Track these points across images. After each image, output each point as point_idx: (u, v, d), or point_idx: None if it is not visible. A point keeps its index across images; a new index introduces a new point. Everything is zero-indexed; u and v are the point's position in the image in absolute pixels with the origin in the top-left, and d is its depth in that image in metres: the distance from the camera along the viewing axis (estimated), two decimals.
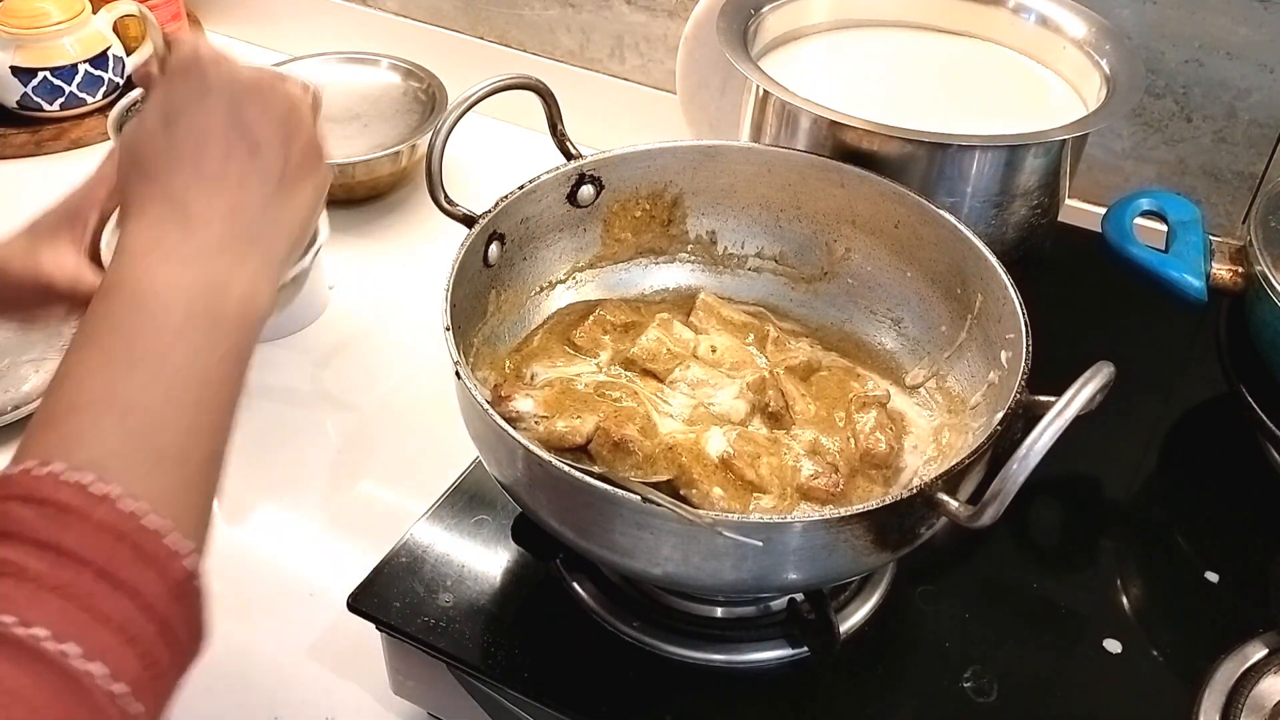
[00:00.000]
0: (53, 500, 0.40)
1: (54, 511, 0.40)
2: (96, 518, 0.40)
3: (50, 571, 0.39)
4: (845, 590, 0.69)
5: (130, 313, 0.46)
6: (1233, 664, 0.65)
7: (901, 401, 0.73)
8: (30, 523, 0.40)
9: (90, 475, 0.41)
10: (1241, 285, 0.79)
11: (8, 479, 0.41)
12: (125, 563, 0.40)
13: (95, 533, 0.40)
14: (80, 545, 0.40)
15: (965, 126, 0.79)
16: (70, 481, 0.41)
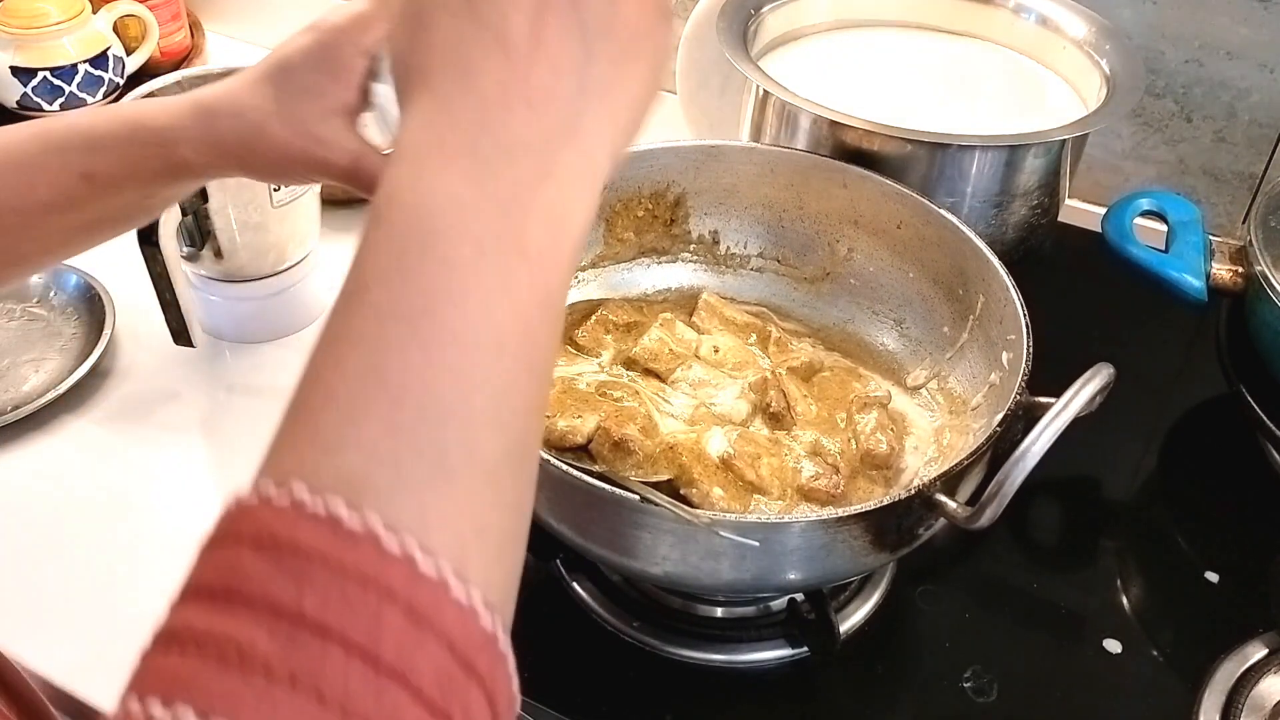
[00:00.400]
0: (291, 543, 0.28)
1: (295, 560, 0.27)
2: (351, 565, 0.27)
3: (285, 652, 0.26)
4: (845, 590, 0.69)
5: (400, 249, 0.32)
6: (1233, 664, 0.65)
7: (903, 402, 0.73)
8: (263, 578, 0.27)
9: (340, 501, 0.28)
10: (1241, 285, 0.79)
11: (240, 512, 0.30)
12: (393, 633, 0.27)
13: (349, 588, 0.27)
14: (327, 609, 0.27)
15: (965, 126, 0.79)
16: (317, 514, 0.28)
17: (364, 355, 0.31)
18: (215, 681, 0.25)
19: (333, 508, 0.28)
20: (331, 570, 0.27)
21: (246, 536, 0.28)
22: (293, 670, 0.26)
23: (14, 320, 0.88)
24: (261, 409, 0.84)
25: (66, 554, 0.72)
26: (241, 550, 0.28)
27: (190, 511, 0.76)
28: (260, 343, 0.88)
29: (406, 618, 0.27)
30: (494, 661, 0.29)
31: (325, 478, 0.29)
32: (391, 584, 0.27)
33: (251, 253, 0.82)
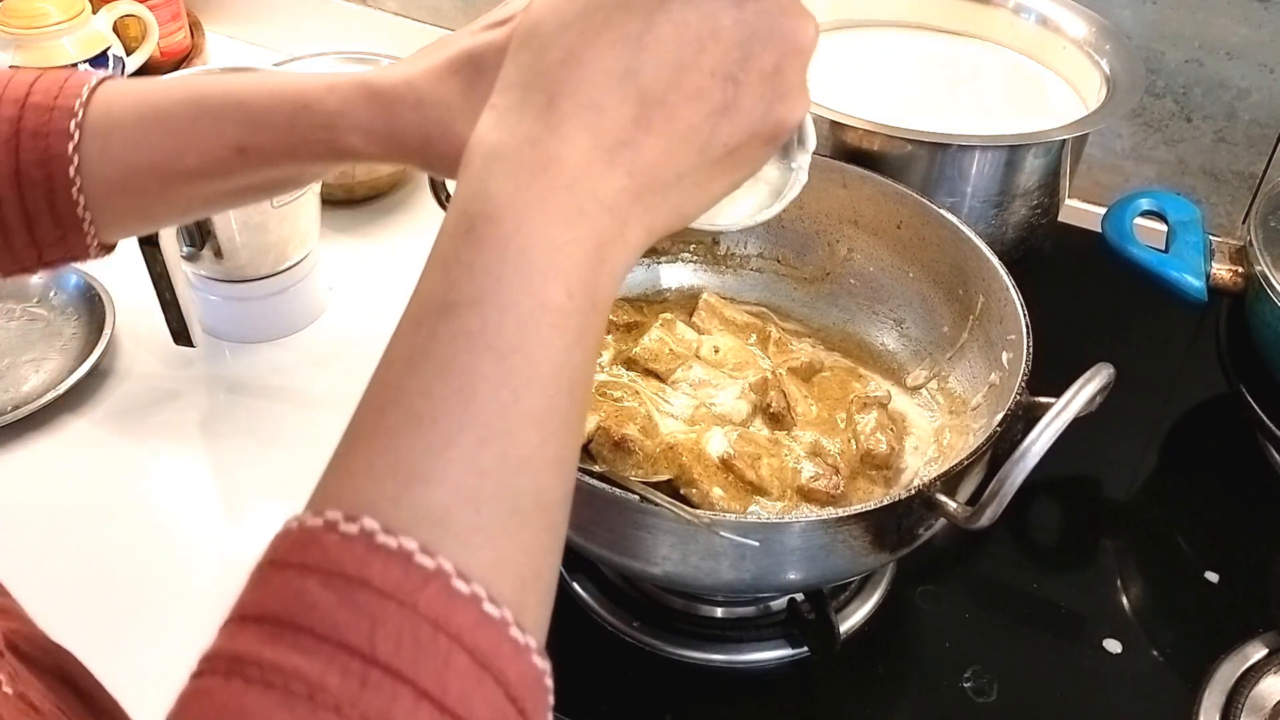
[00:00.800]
0: (362, 579, 0.27)
1: (367, 597, 0.27)
2: (423, 606, 0.27)
3: (356, 694, 0.26)
4: (845, 590, 0.69)
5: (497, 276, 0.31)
6: (1233, 664, 0.65)
7: (903, 402, 0.73)
8: (333, 614, 0.27)
9: (415, 540, 0.28)
10: (1241, 285, 0.79)
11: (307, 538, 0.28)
12: (459, 677, 0.27)
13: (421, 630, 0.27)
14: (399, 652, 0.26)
15: (965, 126, 0.79)
16: (389, 549, 0.27)
17: (453, 385, 0.30)
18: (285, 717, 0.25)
19: (405, 544, 0.27)
20: (404, 610, 0.27)
21: (313, 567, 0.28)
22: (364, 713, 0.26)
23: (14, 320, 0.88)
24: (261, 409, 0.84)
25: (66, 554, 0.72)
26: (308, 580, 0.27)
27: (190, 511, 0.76)
28: (260, 343, 0.88)
29: (471, 660, 0.27)
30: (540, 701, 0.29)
31: (404, 512, 0.28)
32: (460, 627, 0.27)
33: (251, 253, 0.82)
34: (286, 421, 0.83)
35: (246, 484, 0.78)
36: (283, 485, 0.78)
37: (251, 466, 0.79)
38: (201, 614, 0.74)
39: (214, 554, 0.73)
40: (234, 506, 0.77)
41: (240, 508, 0.77)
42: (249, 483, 0.79)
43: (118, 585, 0.70)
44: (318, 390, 0.86)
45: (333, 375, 0.87)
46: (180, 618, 0.69)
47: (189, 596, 0.70)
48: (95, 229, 0.53)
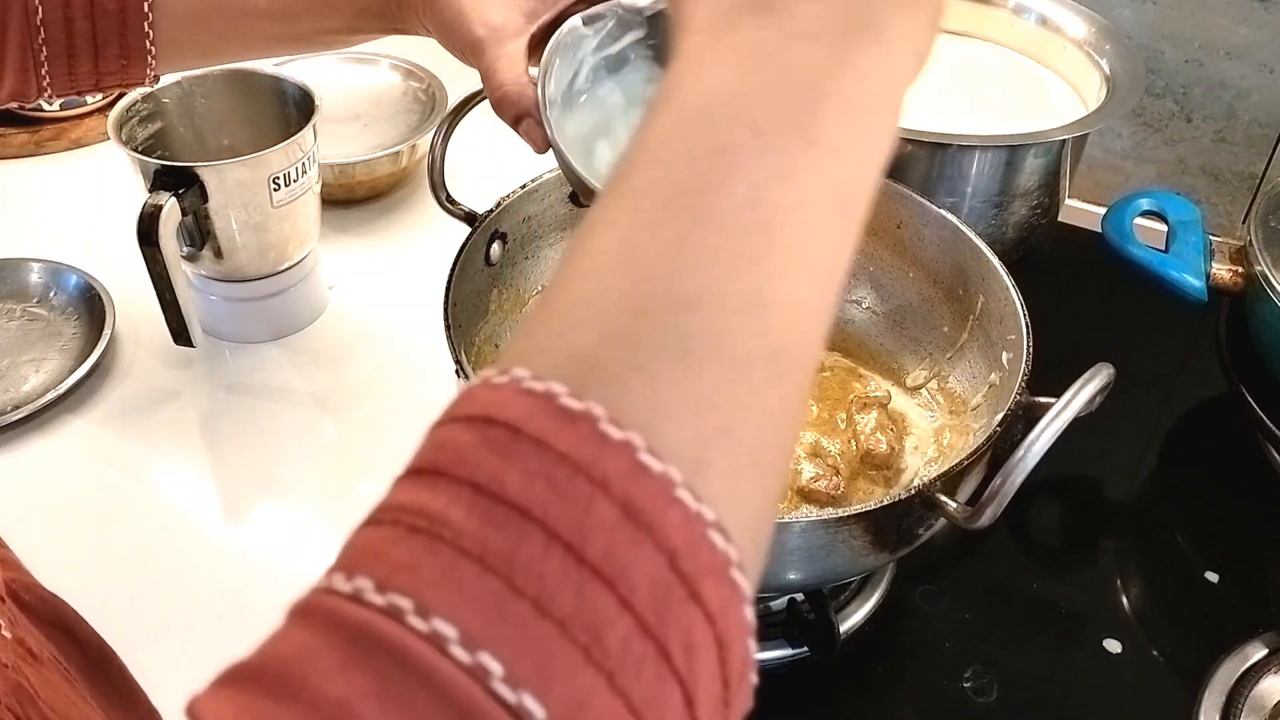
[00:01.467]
0: (501, 418, 0.24)
1: (503, 435, 0.24)
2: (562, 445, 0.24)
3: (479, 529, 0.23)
4: (845, 590, 0.69)
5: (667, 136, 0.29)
6: (1233, 664, 0.65)
7: (903, 402, 0.73)
8: (466, 452, 0.24)
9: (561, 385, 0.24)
10: (1241, 285, 0.79)
11: (464, 395, 0.26)
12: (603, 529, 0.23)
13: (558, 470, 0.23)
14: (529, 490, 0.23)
15: (965, 126, 0.79)
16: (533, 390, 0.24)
17: (612, 236, 0.28)
18: (400, 551, 0.23)
19: (552, 387, 0.24)
20: (540, 449, 0.23)
21: (461, 415, 0.25)
22: (484, 548, 0.22)
23: (14, 320, 0.88)
24: (261, 409, 0.84)
25: (66, 554, 0.72)
26: (454, 427, 0.25)
27: (190, 511, 0.76)
28: (260, 343, 0.88)
29: (622, 513, 0.23)
30: (728, 595, 0.24)
31: (553, 355, 0.26)
32: (607, 473, 0.23)
33: (251, 253, 0.82)
34: (286, 421, 0.83)
35: (246, 484, 0.78)
36: (283, 485, 0.78)
37: (251, 466, 0.79)
38: (202, 613, 0.74)
39: (214, 553, 0.73)
40: (234, 506, 0.77)
41: (240, 507, 0.77)
42: (249, 483, 0.79)
43: (118, 585, 0.70)
44: (318, 390, 0.86)
45: (333, 375, 0.87)
46: (180, 617, 0.69)
47: (189, 596, 0.70)
48: (156, 62, 0.57)
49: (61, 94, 0.57)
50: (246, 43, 0.59)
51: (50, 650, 0.48)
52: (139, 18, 0.55)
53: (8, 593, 0.48)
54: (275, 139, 0.79)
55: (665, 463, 0.24)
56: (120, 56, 0.56)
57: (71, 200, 1.04)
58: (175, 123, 0.85)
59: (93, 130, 1.12)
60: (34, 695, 0.42)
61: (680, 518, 0.23)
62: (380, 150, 1.01)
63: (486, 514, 0.23)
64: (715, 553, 0.24)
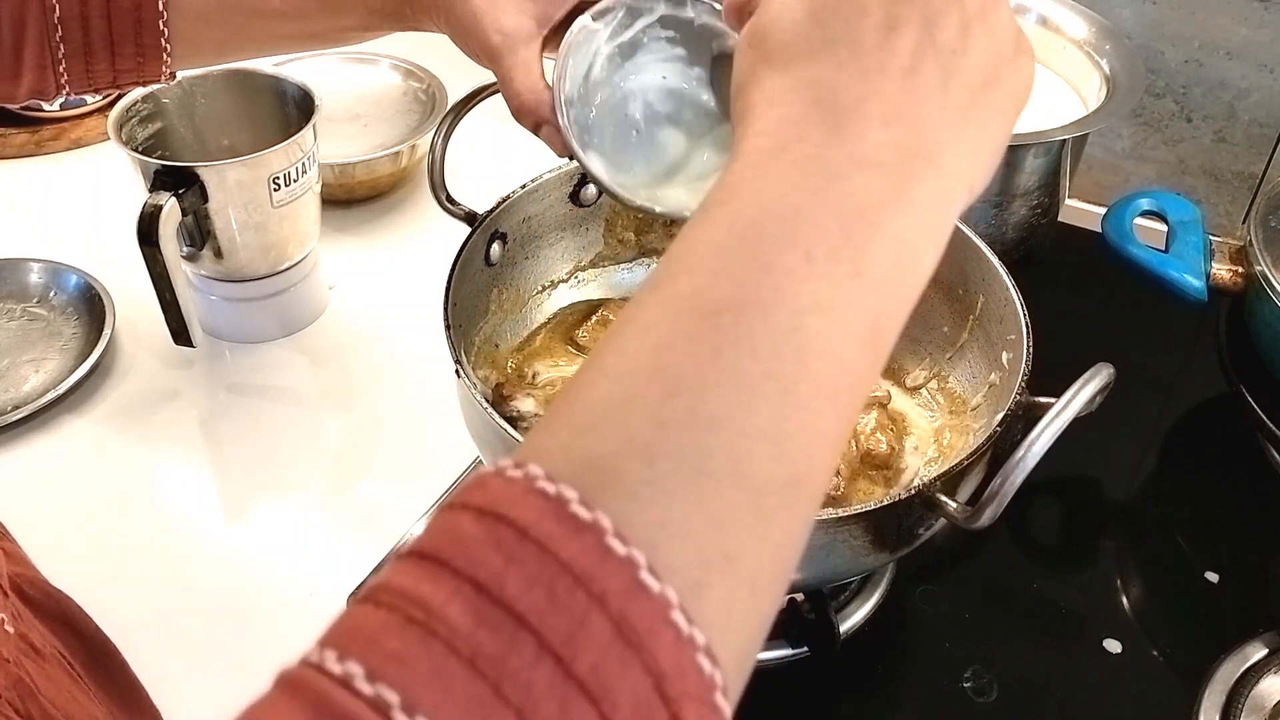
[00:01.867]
0: (510, 516, 0.24)
1: (510, 536, 0.24)
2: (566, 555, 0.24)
3: (473, 629, 0.23)
4: (845, 590, 0.69)
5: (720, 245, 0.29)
6: (1233, 664, 0.65)
7: (903, 402, 0.73)
8: (471, 548, 0.24)
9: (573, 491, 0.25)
10: (1241, 285, 0.79)
11: (476, 482, 0.26)
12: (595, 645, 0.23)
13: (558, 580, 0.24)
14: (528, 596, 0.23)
15: None
16: (545, 491, 0.25)
17: (648, 342, 0.28)
18: (394, 642, 0.23)
19: (564, 492, 0.25)
20: (544, 555, 0.24)
21: (473, 504, 0.25)
22: (477, 650, 0.23)
23: (14, 320, 0.88)
24: (261, 409, 0.84)
25: (66, 554, 0.72)
26: (464, 516, 0.25)
27: (190, 511, 0.76)
28: (260, 343, 0.88)
29: (615, 631, 0.23)
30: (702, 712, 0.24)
31: (571, 456, 0.26)
32: (606, 588, 0.23)
33: (251, 253, 0.82)
34: (286, 421, 0.83)
35: (246, 484, 0.78)
36: (283, 485, 0.78)
37: (251, 466, 0.79)
38: (201, 612, 0.74)
39: (214, 553, 0.73)
40: (234, 506, 0.77)
41: (240, 507, 0.77)
42: (249, 482, 0.79)
43: (118, 584, 0.70)
44: (318, 390, 0.86)
45: (333, 375, 0.87)
46: (180, 616, 0.69)
47: (189, 595, 0.70)
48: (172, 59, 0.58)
49: (79, 91, 0.58)
50: (260, 40, 0.59)
51: (54, 645, 0.48)
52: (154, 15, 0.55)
53: (12, 588, 0.48)
54: (275, 139, 0.79)
55: (664, 583, 0.24)
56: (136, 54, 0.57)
57: (71, 200, 1.04)
58: (175, 123, 0.85)
59: (93, 130, 1.12)
60: (35, 690, 0.43)
61: (672, 640, 0.24)
62: (380, 150, 1.02)
63: (483, 615, 0.23)
64: (701, 677, 0.24)
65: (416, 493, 0.75)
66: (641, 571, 0.24)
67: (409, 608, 0.23)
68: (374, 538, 0.71)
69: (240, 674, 0.75)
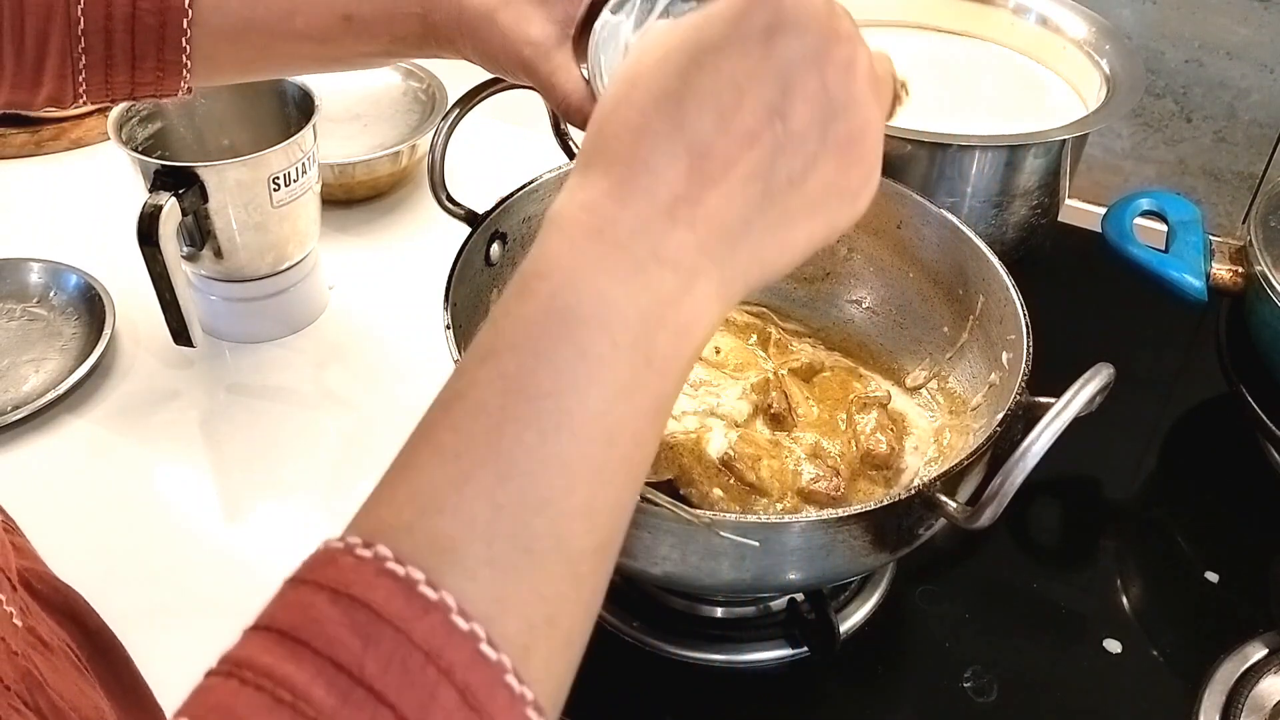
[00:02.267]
0: (365, 600, 0.27)
1: (366, 618, 0.27)
2: (418, 635, 0.27)
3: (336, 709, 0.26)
4: (845, 590, 0.69)
5: (541, 324, 0.32)
6: (1233, 664, 0.65)
7: (903, 402, 0.73)
8: (331, 629, 0.27)
9: (419, 572, 0.28)
10: (1241, 285, 0.79)
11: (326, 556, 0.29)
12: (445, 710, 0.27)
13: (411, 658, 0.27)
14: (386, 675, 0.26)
15: (965, 126, 0.79)
16: (395, 574, 0.28)
17: (482, 423, 0.31)
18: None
19: (412, 573, 0.28)
20: (399, 636, 0.27)
21: (325, 584, 0.28)
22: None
23: (14, 320, 0.88)
24: (261, 409, 0.84)
25: (66, 554, 0.72)
26: (319, 596, 0.28)
27: (190, 511, 0.76)
28: (260, 343, 0.88)
29: (460, 699, 0.27)
30: None
31: (417, 538, 0.29)
32: (452, 662, 0.27)
33: (251, 253, 0.82)
34: (286, 421, 0.83)
35: (246, 484, 0.78)
36: (282, 485, 0.78)
37: (251, 466, 0.79)
38: (201, 612, 0.74)
39: (214, 554, 0.73)
40: (234, 506, 0.77)
41: (240, 507, 0.77)
42: (249, 483, 0.79)
43: (118, 585, 0.70)
44: (318, 390, 0.86)
45: (333, 375, 0.87)
46: (180, 616, 0.69)
47: (189, 595, 0.70)
48: (191, 76, 0.58)
49: (96, 101, 0.58)
50: (282, 61, 0.60)
51: (61, 638, 0.49)
52: (178, 33, 0.56)
53: (20, 582, 0.48)
54: (275, 139, 0.79)
55: (500, 652, 0.28)
56: (156, 69, 0.57)
57: (71, 200, 1.04)
58: (175, 123, 0.85)
59: (93, 130, 1.12)
60: (43, 682, 0.43)
61: (506, 700, 0.28)
62: (380, 150, 1.02)
63: (346, 695, 0.26)
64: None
65: None
66: (481, 644, 0.28)
67: (275, 688, 0.26)
68: None
69: None
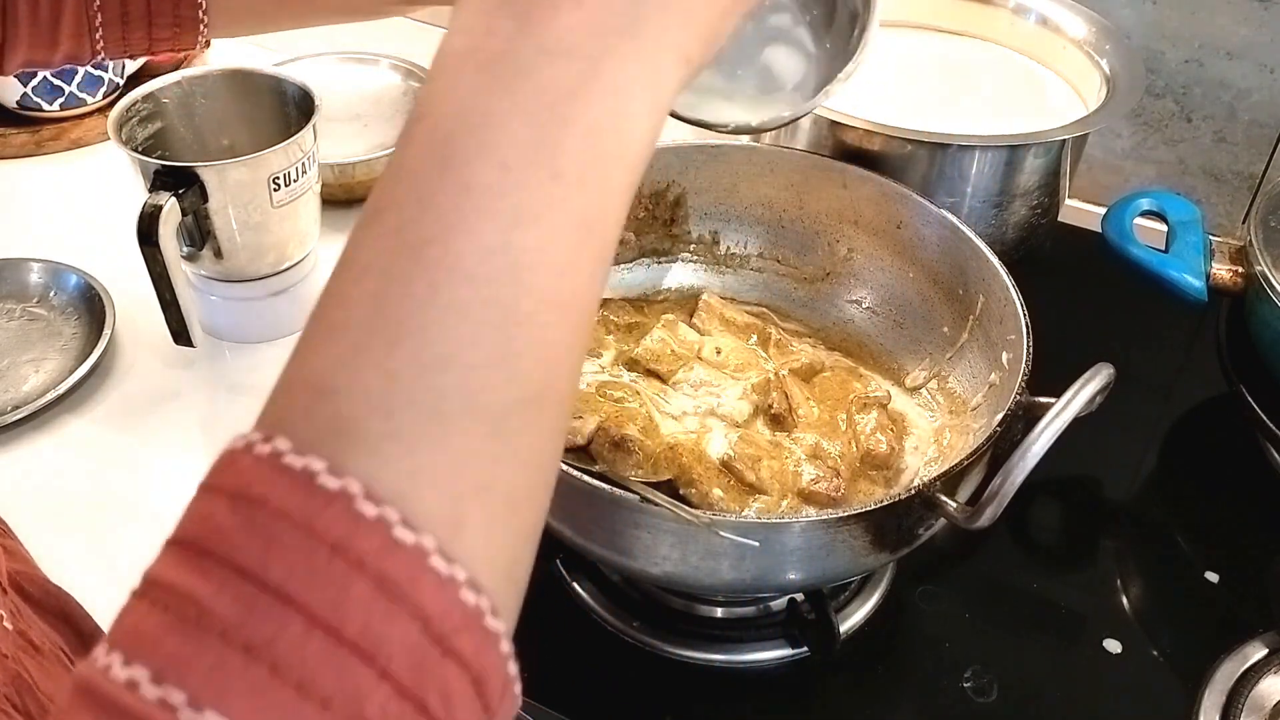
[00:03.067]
0: (263, 500, 0.25)
1: (265, 519, 0.25)
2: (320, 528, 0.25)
3: (242, 618, 0.24)
4: (845, 590, 0.69)
5: (419, 169, 0.28)
6: (1233, 664, 0.65)
7: (903, 402, 0.73)
8: (231, 536, 0.25)
9: (320, 461, 0.25)
10: (1241, 285, 0.79)
11: (228, 459, 0.27)
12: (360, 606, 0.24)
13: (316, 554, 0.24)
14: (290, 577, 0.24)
15: (965, 126, 0.79)
16: (293, 468, 0.25)
17: (367, 289, 0.27)
18: (173, 642, 0.24)
19: (311, 464, 0.25)
20: (300, 533, 0.24)
21: (226, 488, 0.26)
22: (249, 638, 0.24)
23: (14, 320, 0.88)
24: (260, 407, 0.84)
25: (65, 554, 0.72)
26: (219, 502, 0.26)
27: None
28: (260, 343, 0.88)
29: (377, 590, 0.24)
30: (480, 642, 0.26)
31: (315, 424, 0.26)
32: (363, 552, 0.24)
33: (251, 253, 0.82)
34: None
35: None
36: None
37: None
38: None
39: None
40: None
41: None
42: None
43: (117, 585, 0.70)
44: None
45: None
46: None
47: None
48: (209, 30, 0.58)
49: (114, 57, 0.59)
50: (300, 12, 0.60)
51: (53, 641, 0.48)
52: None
53: (11, 584, 0.48)
54: (275, 139, 0.79)
55: (419, 533, 0.25)
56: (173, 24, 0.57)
57: (71, 200, 1.04)
58: (175, 123, 0.85)
59: (93, 130, 1.12)
60: (33, 686, 0.43)
61: (433, 584, 0.25)
62: (380, 150, 1.02)
63: (251, 601, 0.24)
64: (467, 610, 0.25)
65: None
66: (395, 529, 0.25)
67: (182, 605, 0.24)
68: None
69: None
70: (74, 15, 0.56)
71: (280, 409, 0.28)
